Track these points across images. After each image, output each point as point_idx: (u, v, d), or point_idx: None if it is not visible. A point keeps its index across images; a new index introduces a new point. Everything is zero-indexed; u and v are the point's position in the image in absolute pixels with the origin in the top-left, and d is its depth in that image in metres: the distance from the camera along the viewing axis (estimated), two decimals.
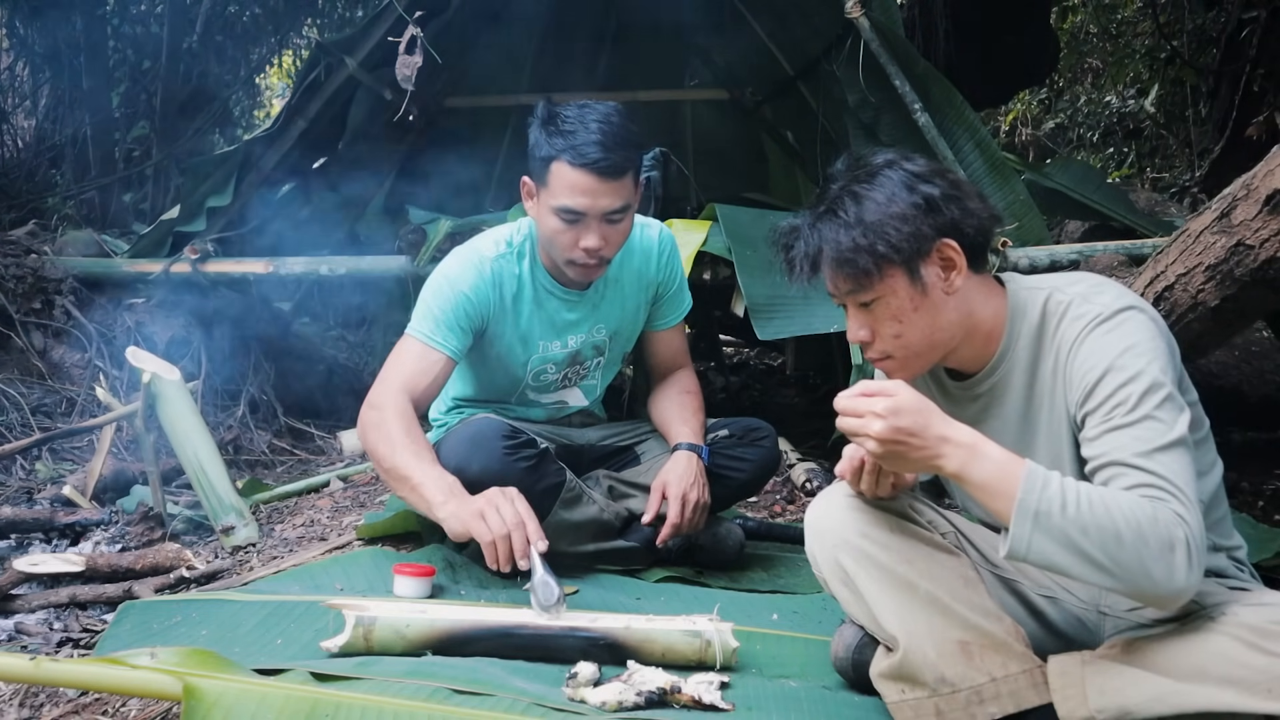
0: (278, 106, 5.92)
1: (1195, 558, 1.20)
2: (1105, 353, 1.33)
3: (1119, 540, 1.19)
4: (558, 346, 2.26)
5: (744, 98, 5.73)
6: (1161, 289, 2.29)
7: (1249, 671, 1.20)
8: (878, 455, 1.30)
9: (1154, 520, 1.20)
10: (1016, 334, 1.46)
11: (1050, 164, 5.05)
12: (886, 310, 1.42)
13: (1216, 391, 3.49)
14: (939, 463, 1.28)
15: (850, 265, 1.39)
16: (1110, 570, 1.20)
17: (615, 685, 1.48)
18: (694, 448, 2.21)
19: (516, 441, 2.04)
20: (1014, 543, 1.23)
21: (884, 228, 1.38)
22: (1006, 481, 1.24)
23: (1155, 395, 1.29)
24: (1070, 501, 1.21)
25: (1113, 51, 8.62)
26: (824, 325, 2.87)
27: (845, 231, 1.39)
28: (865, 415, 1.27)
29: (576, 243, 2.05)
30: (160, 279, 3.88)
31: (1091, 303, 1.39)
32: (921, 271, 1.40)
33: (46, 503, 2.99)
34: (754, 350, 6.95)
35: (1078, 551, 1.21)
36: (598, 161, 1.97)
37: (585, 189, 2.00)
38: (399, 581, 1.93)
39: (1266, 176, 2.04)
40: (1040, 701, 1.35)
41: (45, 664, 1.28)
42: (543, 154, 2.02)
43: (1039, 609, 1.53)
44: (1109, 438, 1.30)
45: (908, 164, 1.44)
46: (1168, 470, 1.24)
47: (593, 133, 1.98)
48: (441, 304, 2.12)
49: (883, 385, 1.30)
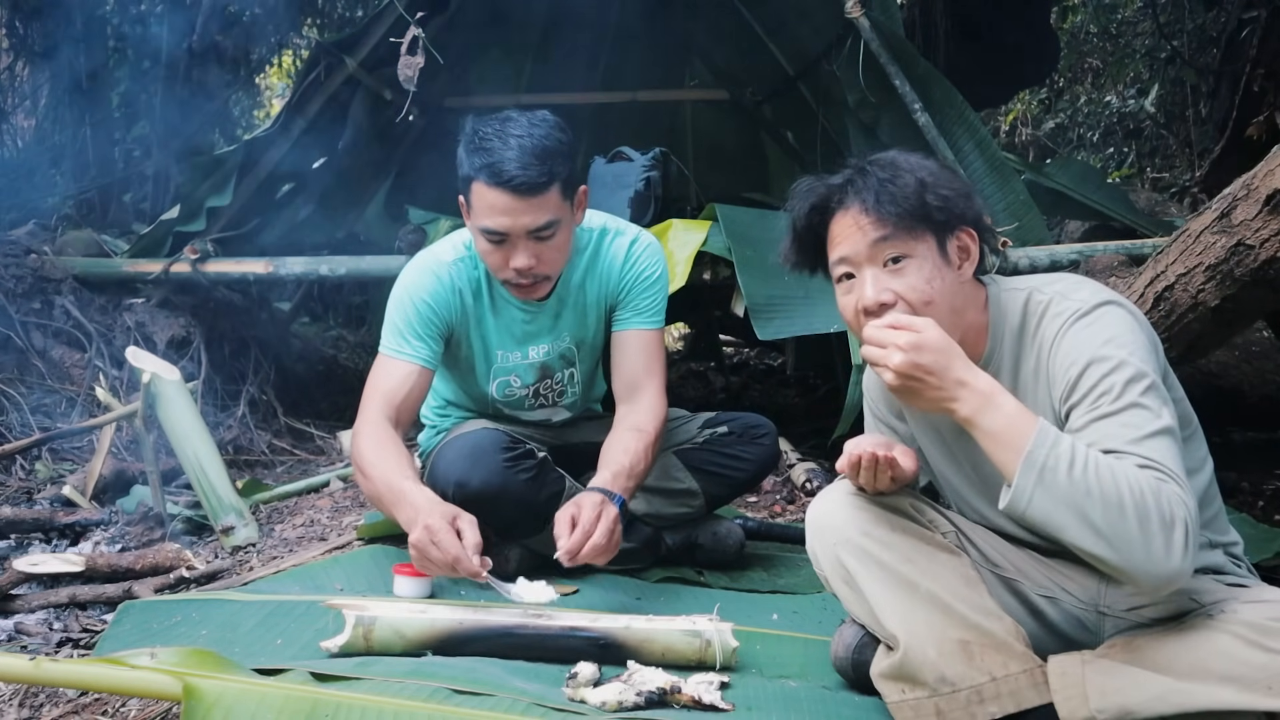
0: (278, 106, 5.92)
1: (1192, 541, 1.21)
2: (1086, 345, 1.34)
3: (1121, 508, 1.19)
4: (518, 357, 2.19)
5: (744, 98, 5.74)
6: (1161, 289, 2.29)
7: (1249, 669, 1.20)
8: (893, 388, 1.31)
9: (1157, 495, 1.20)
10: (1000, 336, 1.47)
11: (1050, 164, 5.05)
12: (920, 272, 1.40)
13: (1216, 391, 3.49)
14: (952, 405, 1.29)
15: (902, 204, 1.38)
16: (1108, 538, 1.20)
17: (615, 685, 1.48)
18: (606, 492, 1.93)
19: (516, 453, 2.03)
20: (1015, 494, 1.23)
21: (938, 184, 1.41)
22: (1017, 433, 1.24)
23: (1139, 384, 1.29)
24: (1079, 463, 1.21)
25: (1113, 51, 8.62)
26: (824, 325, 2.87)
27: (908, 174, 1.41)
28: (888, 346, 1.28)
29: (507, 263, 1.97)
30: (160, 279, 3.88)
31: (1070, 299, 1.40)
32: (947, 246, 1.42)
33: (46, 503, 2.99)
34: (754, 350, 6.96)
35: (1078, 513, 1.20)
36: (513, 179, 1.88)
37: (504, 208, 1.91)
38: (399, 581, 1.93)
39: (1266, 176, 2.04)
40: (1040, 701, 1.35)
41: (45, 664, 1.28)
42: (464, 173, 1.96)
43: (1039, 609, 1.53)
44: (1096, 427, 1.30)
45: (932, 159, 1.50)
46: (1160, 455, 1.25)
47: (511, 149, 1.89)
48: (404, 315, 2.08)
49: (911, 320, 1.31)
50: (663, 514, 2.23)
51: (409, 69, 3.70)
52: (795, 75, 5.07)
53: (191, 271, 3.86)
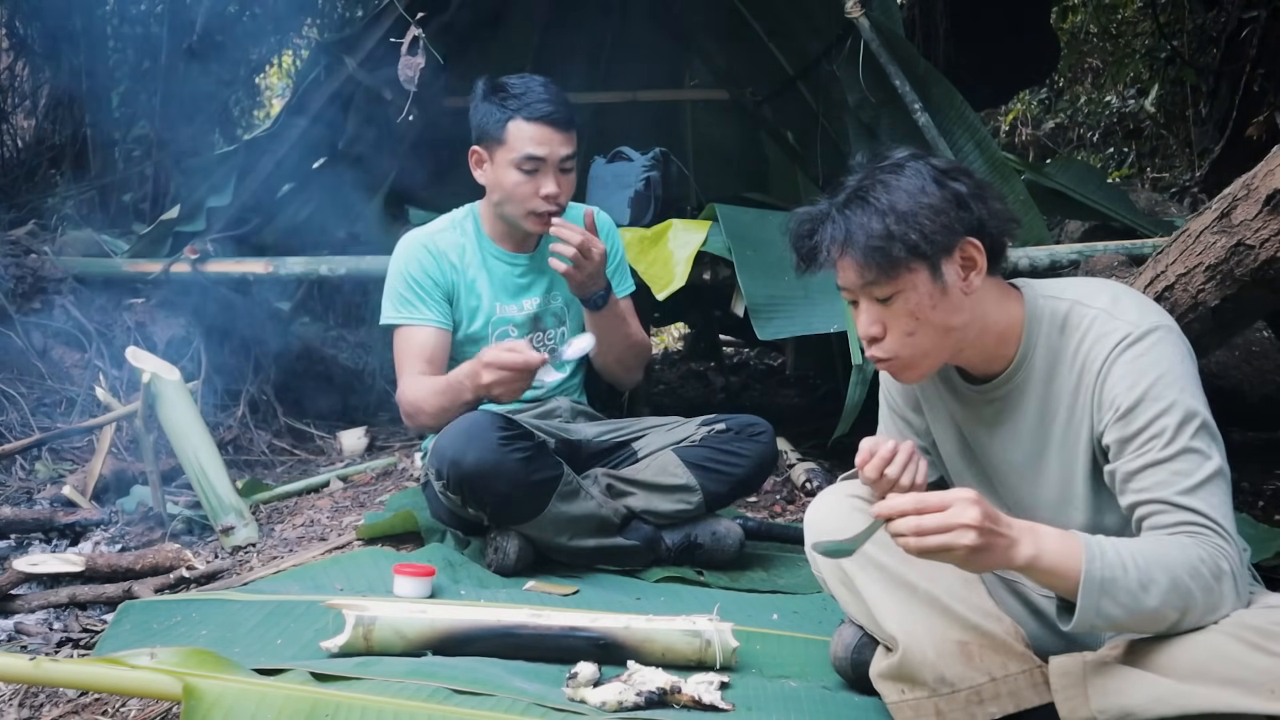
0: (278, 106, 5.92)
1: (1240, 584, 1.26)
2: (1138, 380, 1.32)
3: (1177, 589, 1.22)
4: (514, 309, 2.38)
5: (744, 98, 5.73)
6: (1161, 289, 2.28)
7: (1251, 672, 1.19)
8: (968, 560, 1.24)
9: (1204, 560, 1.23)
10: (1034, 342, 1.44)
11: (1050, 164, 5.04)
12: (905, 306, 1.38)
13: (1216, 391, 3.46)
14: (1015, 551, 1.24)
15: (879, 254, 1.34)
16: (1172, 618, 1.24)
17: (615, 685, 1.48)
18: None
19: (512, 433, 2.05)
20: (1080, 615, 1.23)
21: (917, 218, 1.34)
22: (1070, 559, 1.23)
23: (1190, 425, 1.29)
24: (1129, 567, 1.22)
25: (1113, 51, 8.62)
26: (824, 325, 2.87)
27: (878, 219, 1.34)
28: (955, 529, 1.20)
29: (537, 191, 2.23)
30: (160, 279, 3.87)
31: (1118, 320, 1.36)
32: (943, 269, 1.37)
33: (46, 503, 2.99)
34: (754, 350, 6.95)
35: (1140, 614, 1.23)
36: (552, 114, 2.22)
37: (544, 139, 2.21)
38: (399, 581, 1.93)
39: (1266, 176, 2.04)
40: (1040, 701, 1.35)
41: (45, 664, 1.28)
42: (498, 117, 2.23)
43: (1039, 609, 1.53)
44: (1148, 474, 1.30)
45: (934, 160, 1.41)
46: (1208, 506, 1.27)
47: (540, 93, 2.23)
48: (402, 285, 2.30)
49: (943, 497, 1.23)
50: (661, 511, 2.24)
51: (409, 69, 3.70)
52: (795, 75, 5.07)
53: (191, 271, 3.85)
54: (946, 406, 1.57)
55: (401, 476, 3.19)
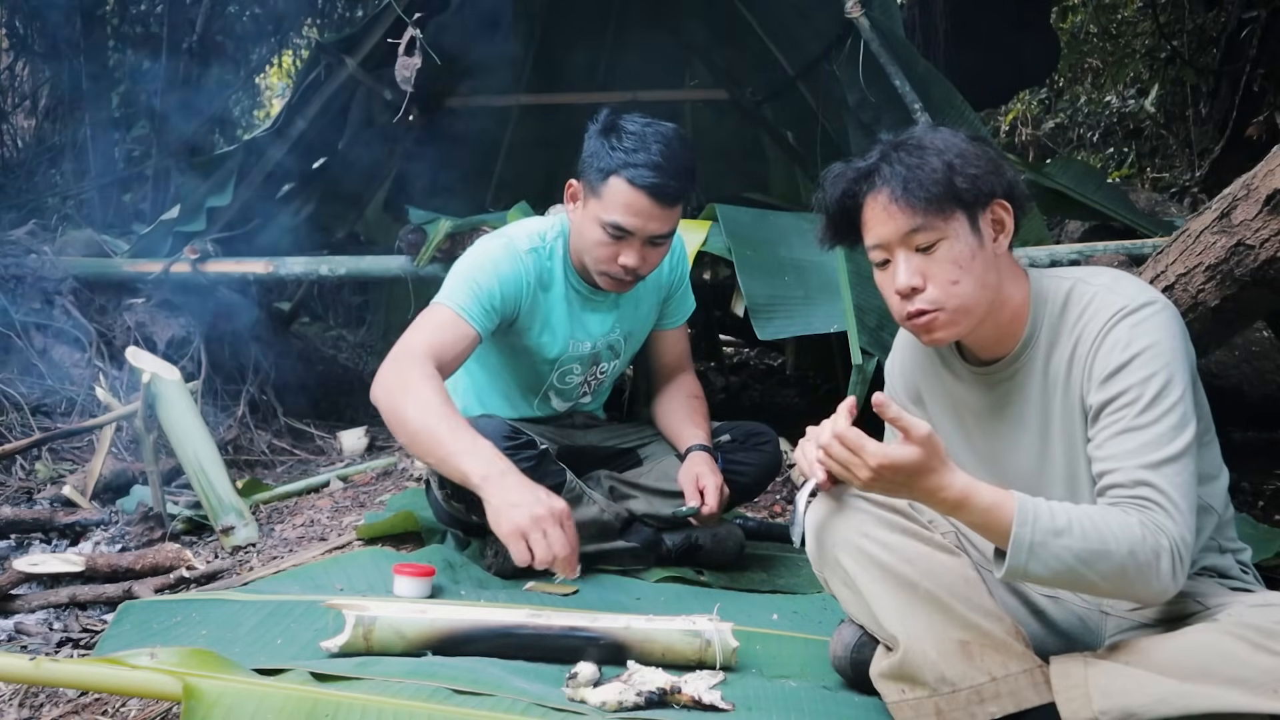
0: (278, 106, 5.92)
1: (1179, 563, 1.26)
2: (1128, 346, 1.35)
3: (1108, 557, 1.24)
4: (587, 345, 2.27)
5: (744, 98, 5.73)
6: (1161, 289, 2.28)
7: (1254, 672, 1.19)
8: None
9: (1144, 533, 1.25)
10: (1040, 321, 1.46)
11: (1050, 164, 5.04)
12: (949, 253, 1.40)
13: (1216, 391, 3.47)
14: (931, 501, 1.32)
15: (942, 188, 1.38)
16: (1103, 585, 1.27)
17: (615, 685, 1.48)
18: (707, 449, 2.22)
19: (517, 442, 2.03)
20: (1009, 569, 1.27)
21: (967, 163, 1.40)
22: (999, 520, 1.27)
23: (1168, 398, 1.31)
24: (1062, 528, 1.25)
25: (1113, 51, 8.62)
26: (824, 325, 2.86)
27: (936, 157, 1.40)
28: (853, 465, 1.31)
29: (615, 258, 2.06)
30: (160, 279, 3.87)
31: (1117, 294, 1.39)
32: (980, 223, 1.41)
33: (46, 503, 2.99)
34: (754, 350, 6.95)
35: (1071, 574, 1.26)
36: (656, 186, 1.98)
37: (639, 210, 2.00)
38: (399, 581, 1.93)
39: (1266, 176, 2.04)
40: (1040, 701, 1.35)
41: (45, 664, 1.28)
42: (602, 165, 2.02)
43: (1040, 608, 1.53)
44: (1117, 441, 1.32)
45: (962, 130, 1.48)
46: (1169, 484, 1.28)
47: (655, 155, 1.98)
48: (482, 280, 2.07)
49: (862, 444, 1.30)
50: (663, 515, 2.23)
51: (406, 70, 3.70)
52: (795, 75, 5.07)
53: (191, 271, 3.85)
54: (950, 395, 1.57)
55: (401, 476, 3.19)
